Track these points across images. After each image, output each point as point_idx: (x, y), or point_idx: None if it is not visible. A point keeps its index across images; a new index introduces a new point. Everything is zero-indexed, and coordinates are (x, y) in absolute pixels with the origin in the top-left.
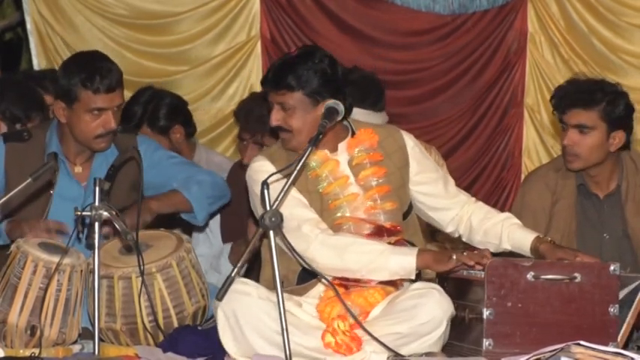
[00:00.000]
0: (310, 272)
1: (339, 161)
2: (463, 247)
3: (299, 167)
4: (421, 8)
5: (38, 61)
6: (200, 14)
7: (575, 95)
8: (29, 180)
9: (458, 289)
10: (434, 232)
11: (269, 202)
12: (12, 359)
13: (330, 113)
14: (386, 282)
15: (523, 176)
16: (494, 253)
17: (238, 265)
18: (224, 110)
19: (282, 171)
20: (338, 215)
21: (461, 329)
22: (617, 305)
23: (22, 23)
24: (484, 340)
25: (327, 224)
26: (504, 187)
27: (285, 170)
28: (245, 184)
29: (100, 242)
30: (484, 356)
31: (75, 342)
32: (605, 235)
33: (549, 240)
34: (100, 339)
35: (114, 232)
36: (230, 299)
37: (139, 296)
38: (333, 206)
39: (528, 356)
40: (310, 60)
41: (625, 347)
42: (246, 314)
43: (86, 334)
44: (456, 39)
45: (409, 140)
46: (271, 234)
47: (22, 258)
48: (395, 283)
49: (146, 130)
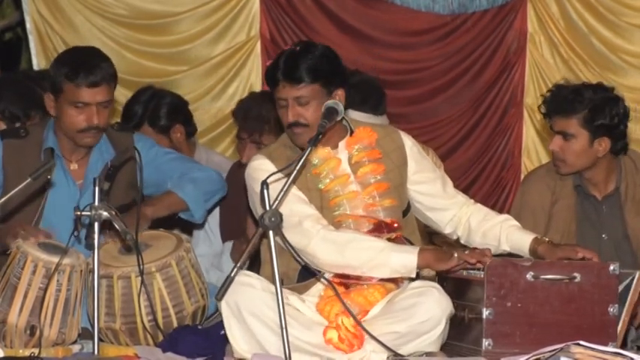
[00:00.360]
0: (310, 270)
1: (341, 159)
2: (462, 250)
3: (299, 167)
4: (421, 8)
5: (38, 61)
6: (200, 14)
7: (556, 103)
8: (29, 180)
9: (457, 289)
10: (431, 235)
11: (269, 202)
12: (12, 359)
13: (330, 113)
14: (386, 279)
15: (523, 176)
16: (493, 255)
17: (238, 265)
18: (224, 110)
19: (282, 170)
20: (338, 213)
21: (460, 329)
22: (616, 305)
23: (22, 23)
24: (484, 340)
25: (328, 221)
26: (504, 187)
27: (285, 169)
28: (244, 184)
29: (100, 242)
30: (484, 356)
31: (74, 342)
32: (603, 236)
33: (547, 240)
34: (100, 339)
35: (114, 234)
36: (233, 291)
37: (139, 296)
38: (333, 203)
39: (528, 356)
40: (316, 51)
41: (624, 346)
42: (249, 305)
43: (86, 334)
44: (456, 39)
45: (407, 140)
46: (271, 234)
47: (22, 258)
48: (395, 281)
49: (147, 129)
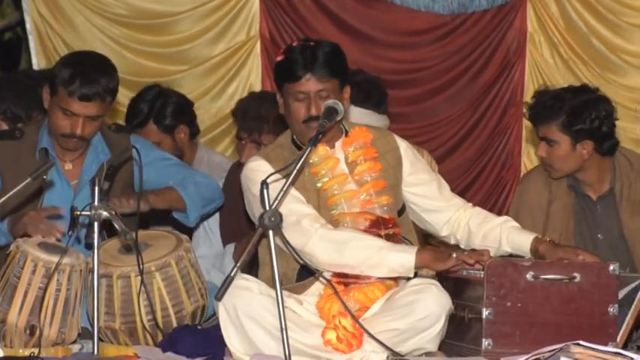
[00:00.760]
0: (309, 270)
1: (339, 159)
2: (459, 250)
3: (298, 167)
4: (420, 8)
5: (37, 61)
6: (199, 14)
7: (536, 110)
8: (28, 180)
9: (457, 289)
10: (427, 237)
11: (268, 202)
12: (11, 359)
13: (330, 113)
14: (385, 277)
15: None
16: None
17: (237, 266)
18: (224, 110)
19: (281, 171)
20: (335, 212)
21: (460, 329)
22: (616, 305)
23: (22, 23)
24: (483, 340)
25: (325, 221)
26: (504, 187)
27: (283, 170)
28: None
29: (99, 242)
30: (483, 356)
31: (74, 342)
32: (599, 236)
33: (548, 240)
34: (100, 338)
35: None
36: (231, 294)
37: (138, 295)
38: (331, 202)
39: (527, 356)
40: (331, 46)
41: (624, 347)
42: (246, 309)
43: (85, 334)
44: (456, 39)
45: (402, 142)
46: (271, 234)
47: (22, 258)
48: (395, 278)
49: (151, 128)
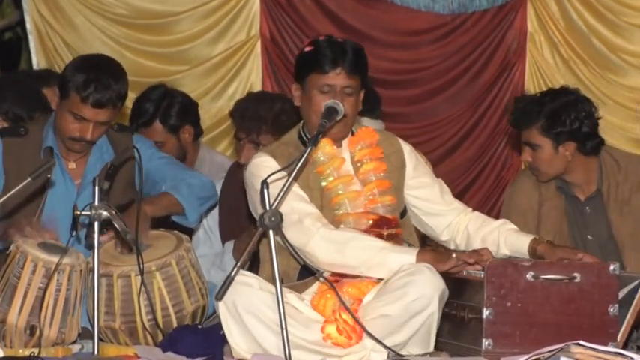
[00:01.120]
0: (310, 269)
1: (345, 159)
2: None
3: (299, 166)
4: (421, 8)
5: (38, 61)
6: (200, 14)
7: (516, 116)
8: (29, 179)
9: (457, 289)
10: (424, 238)
11: (269, 202)
12: (11, 359)
13: (330, 113)
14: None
15: None
16: None
17: (237, 265)
18: (224, 109)
19: (285, 169)
20: (339, 212)
21: (460, 329)
22: (616, 305)
23: (22, 23)
24: (483, 340)
25: (328, 220)
26: (504, 187)
27: (287, 168)
28: (243, 184)
29: (100, 242)
30: (483, 356)
31: (74, 341)
32: (588, 237)
33: (546, 240)
34: (100, 338)
35: (114, 235)
36: (231, 290)
37: (139, 295)
38: (334, 202)
39: (528, 356)
40: (358, 45)
41: (624, 347)
42: (246, 304)
43: (86, 334)
44: (456, 39)
45: (405, 145)
46: (271, 233)
47: (22, 258)
48: None
49: (157, 127)
